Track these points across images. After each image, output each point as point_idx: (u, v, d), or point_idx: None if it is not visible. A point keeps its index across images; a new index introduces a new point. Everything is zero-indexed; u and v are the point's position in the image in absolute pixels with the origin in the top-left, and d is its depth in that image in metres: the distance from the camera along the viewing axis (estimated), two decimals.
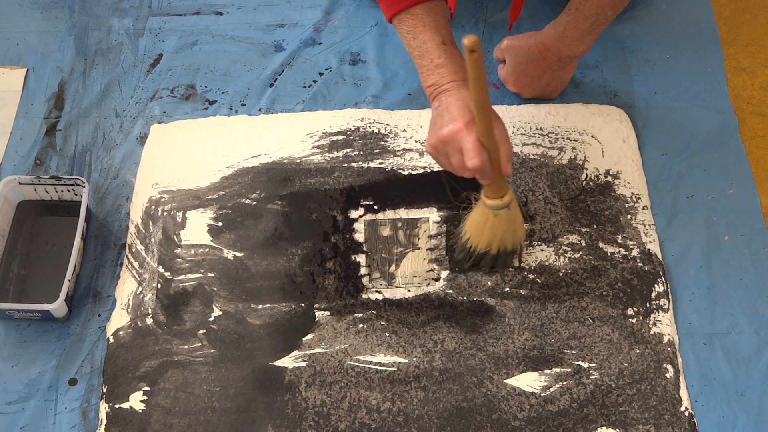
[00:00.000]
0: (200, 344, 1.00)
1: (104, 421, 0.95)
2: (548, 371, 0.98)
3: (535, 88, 1.16)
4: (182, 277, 1.04)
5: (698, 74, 1.20)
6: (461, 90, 0.94)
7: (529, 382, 0.97)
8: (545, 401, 0.96)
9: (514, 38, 1.14)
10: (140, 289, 1.04)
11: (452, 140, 0.91)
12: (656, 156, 1.13)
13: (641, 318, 1.01)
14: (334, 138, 1.15)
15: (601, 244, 1.06)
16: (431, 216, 1.08)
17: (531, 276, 1.04)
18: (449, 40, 0.98)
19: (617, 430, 0.94)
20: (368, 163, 1.12)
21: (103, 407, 0.96)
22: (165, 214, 1.09)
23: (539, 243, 1.06)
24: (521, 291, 1.03)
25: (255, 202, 1.10)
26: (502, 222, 0.97)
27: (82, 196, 1.05)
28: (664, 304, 1.02)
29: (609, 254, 1.05)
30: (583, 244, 1.06)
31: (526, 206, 1.09)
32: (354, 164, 1.12)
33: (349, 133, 1.15)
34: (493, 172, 0.91)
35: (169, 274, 1.05)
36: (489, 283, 1.03)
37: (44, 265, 1.06)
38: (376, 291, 1.03)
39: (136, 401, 0.97)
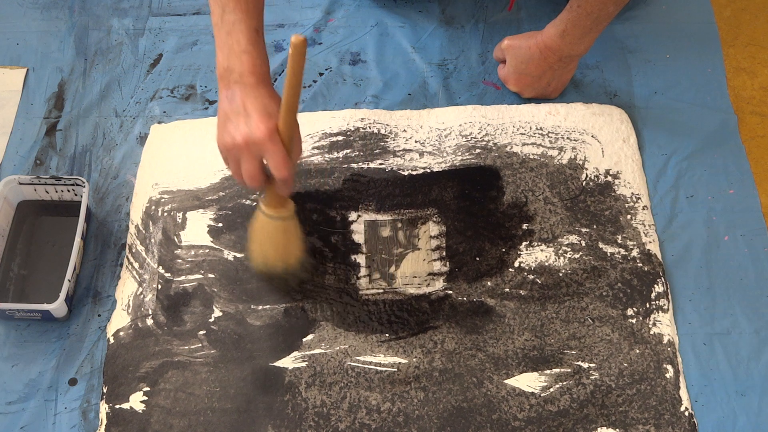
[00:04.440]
0: (200, 345, 1.00)
1: (104, 422, 0.95)
2: (548, 371, 0.98)
3: (536, 88, 1.15)
4: (182, 278, 1.05)
5: (698, 74, 1.20)
6: (260, 88, 0.87)
7: (529, 382, 0.97)
8: (545, 401, 0.96)
9: (514, 38, 1.14)
10: (140, 289, 1.04)
11: (251, 146, 0.85)
12: (656, 156, 1.13)
13: (641, 318, 1.01)
14: (334, 138, 1.15)
15: (601, 245, 1.06)
16: (431, 216, 1.08)
17: (531, 276, 1.04)
18: (261, 30, 0.91)
19: (617, 430, 0.94)
20: (368, 164, 1.12)
21: (103, 407, 0.96)
22: (165, 214, 1.09)
23: (539, 243, 1.06)
24: (521, 291, 1.03)
25: (255, 203, 1.10)
26: (287, 230, 0.96)
27: (82, 196, 1.05)
28: (664, 305, 1.02)
29: (609, 254, 1.05)
30: (583, 244, 1.06)
31: (525, 206, 1.09)
32: (354, 165, 1.12)
33: (349, 133, 1.15)
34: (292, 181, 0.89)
35: (169, 274, 1.05)
36: (489, 283, 1.03)
37: (44, 265, 1.06)
38: (376, 291, 1.03)
39: (136, 401, 0.97)
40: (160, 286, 1.04)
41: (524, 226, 1.07)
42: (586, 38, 1.06)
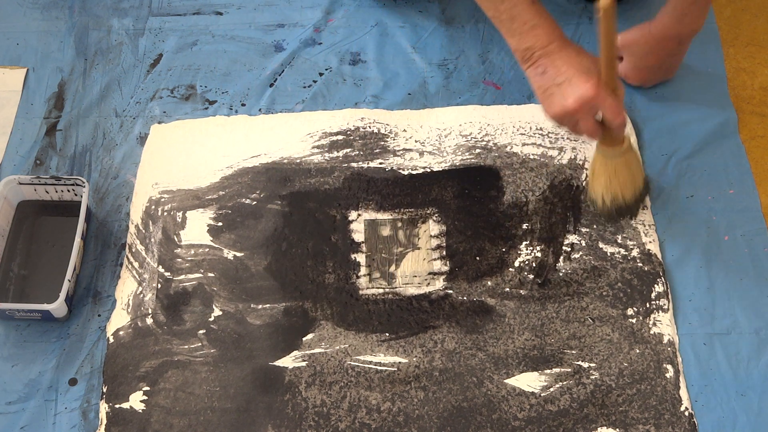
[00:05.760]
0: (200, 344, 1.00)
1: (104, 421, 0.95)
2: (548, 371, 0.98)
3: (657, 76, 1.16)
4: (182, 277, 1.05)
5: (698, 74, 1.20)
6: (565, 51, 0.91)
7: (529, 382, 0.97)
8: (545, 401, 0.96)
9: (625, 34, 1.12)
10: (140, 289, 1.04)
11: (584, 106, 0.90)
12: (656, 156, 1.13)
13: (641, 318, 1.01)
14: (334, 138, 1.15)
15: (601, 244, 1.06)
16: (431, 215, 1.08)
17: (531, 276, 1.04)
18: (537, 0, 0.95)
19: (617, 430, 0.94)
20: (368, 163, 1.12)
21: (103, 407, 0.96)
22: (165, 214, 1.09)
23: (539, 243, 1.06)
24: (521, 291, 1.03)
25: (255, 202, 1.10)
26: (628, 162, 1.01)
27: (82, 196, 1.05)
28: (664, 304, 1.02)
29: (609, 254, 1.05)
30: (583, 244, 1.06)
31: (526, 206, 1.09)
32: (354, 164, 1.12)
33: (349, 133, 1.15)
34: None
35: (169, 274, 1.05)
36: (489, 283, 1.03)
37: (44, 265, 1.06)
38: (377, 291, 1.03)
39: (136, 401, 0.97)
40: (159, 286, 1.04)
41: (524, 226, 1.07)
42: (706, 9, 1.06)
